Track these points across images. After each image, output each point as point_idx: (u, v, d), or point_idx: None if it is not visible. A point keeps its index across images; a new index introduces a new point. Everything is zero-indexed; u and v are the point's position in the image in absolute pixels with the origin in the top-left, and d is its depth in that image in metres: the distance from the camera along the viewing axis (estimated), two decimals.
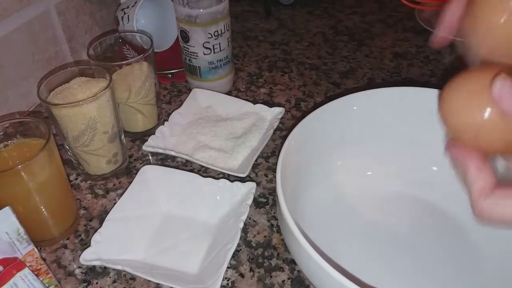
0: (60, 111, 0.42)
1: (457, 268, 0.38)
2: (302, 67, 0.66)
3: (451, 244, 0.40)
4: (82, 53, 0.66)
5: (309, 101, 0.59)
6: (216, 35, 0.54)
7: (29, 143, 0.41)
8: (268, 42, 0.73)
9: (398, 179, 0.45)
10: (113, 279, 0.39)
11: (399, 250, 0.40)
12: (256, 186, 0.44)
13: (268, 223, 0.44)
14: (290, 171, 0.38)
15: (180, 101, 0.59)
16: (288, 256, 0.40)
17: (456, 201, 0.42)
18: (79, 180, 0.49)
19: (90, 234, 0.43)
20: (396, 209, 0.44)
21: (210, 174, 0.48)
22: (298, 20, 0.79)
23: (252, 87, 0.63)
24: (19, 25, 0.55)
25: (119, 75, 0.49)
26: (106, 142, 0.46)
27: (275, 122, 0.52)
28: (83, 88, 0.44)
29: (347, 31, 0.75)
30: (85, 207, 0.46)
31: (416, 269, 0.39)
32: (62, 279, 0.39)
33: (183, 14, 0.53)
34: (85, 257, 0.38)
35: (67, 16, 0.62)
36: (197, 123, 0.53)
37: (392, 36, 0.73)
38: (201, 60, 0.56)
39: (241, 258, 0.40)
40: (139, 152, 0.52)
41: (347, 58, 0.68)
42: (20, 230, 0.34)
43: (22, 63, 0.56)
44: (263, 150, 0.50)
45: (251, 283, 0.38)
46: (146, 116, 0.53)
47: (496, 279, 0.37)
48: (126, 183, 0.48)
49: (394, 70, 0.65)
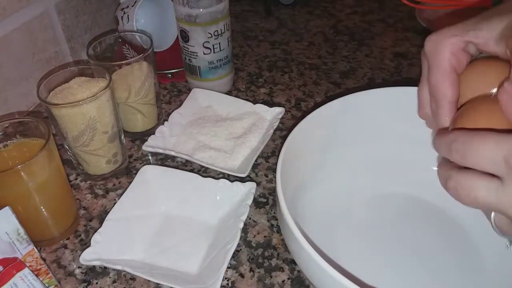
0: (59, 111, 0.42)
1: (457, 268, 0.38)
2: (302, 67, 0.66)
3: (451, 244, 0.40)
4: (82, 53, 0.66)
5: (309, 101, 0.59)
6: (216, 35, 0.54)
7: (29, 143, 0.41)
8: (268, 41, 0.73)
9: (398, 179, 0.45)
10: (113, 279, 0.39)
11: (399, 250, 0.40)
12: (256, 186, 0.44)
13: (268, 223, 0.43)
14: (290, 171, 0.38)
15: (180, 101, 0.59)
16: (288, 256, 0.40)
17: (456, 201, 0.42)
18: (79, 180, 0.49)
19: (90, 234, 0.43)
20: (396, 209, 0.44)
21: (210, 174, 0.48)
22: (298, 20, 0.79)
23: (252, 87, 0.62)
24: (19, 25, 0.55)
25: (119, 75, 0.49)
26: (106, 142, 0.46)
27: (275, 122, 0.52)
28: (83, 88, 0.44)
29: (347, 30, 0.75)
30: (85, 207, 0.46)
31: (416, 269, 0.39)
32: (62, 279, 0.39)
33: (183, 13, 0.53)
34: (85, 257, 0.38)
35: (67, 16, 0.62)
36: (197, 123, 0.53)
37: (393, 36, 0.73)
38: (201, 60, 0.56)
39: (241, 258, 0.40)
40: (139, 152, 0.52)
41: (347, 58, 0.68)
42: (20, 230, 0.34)
43: (21, 63, 0.56)
44: (263, 150, 0.49)
45: (251, 283, 0.38)
46: (146, 116, 0.53)
47: (496, 279, 0.37)
48: (126, 183, 0.48)
49: (395, 70, 0.65)
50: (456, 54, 0.31)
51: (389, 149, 0.45)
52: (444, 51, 0.31)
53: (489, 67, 0.31)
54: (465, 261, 0.39)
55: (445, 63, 0.31)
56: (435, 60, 0.31)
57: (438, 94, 0.31)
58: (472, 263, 0.39)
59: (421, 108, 0.35)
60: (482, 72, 0.31)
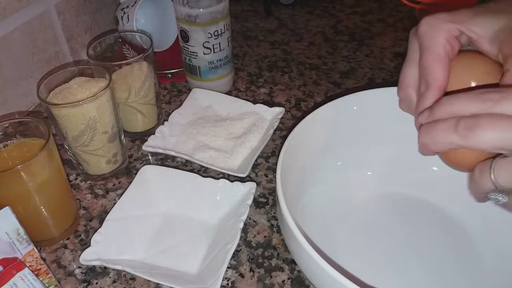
0: (59, 111, 0.42)
1: (457, 268, 0.38)
2: (302, 67, 0.66)
3: (451, 244, 0.40)
4: (82, 53, 0.66)
5: (309, 101, 0.59)
6: (216, 35, 0.54)
7: (29, 143, 0.41)
8: (268, 41, 0.73)
9: (398, 179, 0.45)
10: (113, 279, 0.39)
11: (399, 250, 0.40)
12: (256, 186, 0.44)
13: (268, 223, 0.43)
14: (290, 171, 0.38)
15: (180, 101, 0.59)
16: (288, 256, 0.40)
17: (456, 201, 0.42)
18: (79, 180, 0.49)
19: (90, 234, 0.43)
20: (396, 209, 0.44)
21: (210, 174, 0.48)
22: (298, 20, 0.79)
23: (252, 87, 0.62)
24: (19, 25, 0.55)
25: (119, 75, 0.49)
26: (106, 142, 0.46)
27: (275, 122, 0.52)
28: (83, 88, 0.44)
29: (347, 30, 0.75)
30: (85, 207, 0.46)
31: (416, 268, 0.39)
32: (62, 279, 0.39)
33: (183, 13, 0.53)
34: (85, 257, 0.38)
35: (67, 16, 0.62)
36: (197, 123, 0.53)
37: (393, 36, 0.73)
38: (201, 60, 0.56)
39: (241, 258, 0.40)
40: (139, 152, 0.52)
41: (347, 57, 0.68)
42: (20, 230, 0.34)
43: (21, 63, 0.56)
44: (263, 150, 0.49)
45: (251, 283, 0.38)
46: (146, 116, 0.53)
47: (496, 279, 0.37)
48: (126, 183, 0.48)
49: (395, 70, 0.65)
50: (450, 41, 0.31)
51: (389, 149, 0.45)
52: (440, 35, 0.30)
53: (477, 60, 0.31)
54: (465, 260, 0.39)
55: (440, 47, 0.30)
56: (430, 43, 0.31)
57: (430, 78, 0.31)
58: (472, 262, 0.39)
59: (402, 88, 0.34)
60: (470, 64, 0.32)
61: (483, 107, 0.26)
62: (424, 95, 0.31)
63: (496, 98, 0.26)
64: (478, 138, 0.26)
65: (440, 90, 0.31)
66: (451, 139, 0.27)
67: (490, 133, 0.25)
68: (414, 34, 0.33)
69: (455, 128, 0.27)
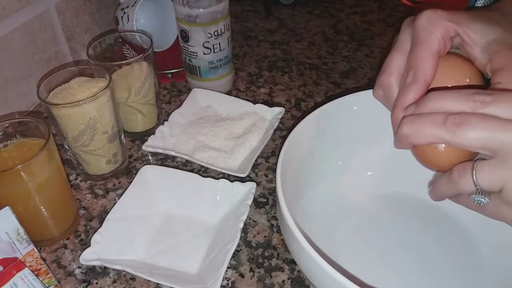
0: (59, 111, 0.42)
1: (457, 268, 0.38)
2: (302, 67, 0.66)
3: (451, 243, 0.40)
4: (82, 53, 0.66)
5: (309, 101, 0.59)
6: (216, 35, 0.54)
7: (29, 143, 0.41)
8: (268, 41, 0.73)
9: (398, 179, 0.45)
10: (113, 279, 0.39)
11: (399, 250, 0.40)
12: (256, 186, 0.44)
13: (268, 223, 0.43)
14: (290, 171, 0.38)
15: (180, 101, 0.59)
16: (288, 256, 0.40)
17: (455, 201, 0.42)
18: (79, 180, 0.49)
19: (90, 234, 0.43)
20: (396, 209, 0.44)
21: (210, 174, 0.48)
22: (298, 20, 0.79)
23: (252, 87, 0.62)
24: (19, 25, 0.55)
25: (119, 75, 0.49)
26: (106, 142, 0.46)
27: (275, 122, 0.52)
28: (83, 88, 0.44)
29: (347, 30, 0.75)
30: (85, 207, 0.46)
31: (416, 268, 0.39)
32: (62, 279, 0.39)
33: (183, 13, 0.53)
34: (85, 257, 0.38)
35: (67, 16, 0.62)
36: (197, 123, 0.53)
37: (393, 36, 0.73)
38: (201, 60, 0.56)
39: (241, 258, 0.40)
40: (139, 152, 0.52)
41: (347, 57, 0.68)
42: (20, 230, 0.34)
43: (21, 63, 0.56)
44: (263, 150, 0.49)
45: (251, 283, 0.38)
46: (146, 116, 0.53)
47: (496, 279, 0.37)
48: (126, 183, 0.48)
49: None
50: (445, 39, 0.31)
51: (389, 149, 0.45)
52: (437, 32, 0.30)
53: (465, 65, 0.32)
54: (464, 260, 0.39)
55: (435, 44, 0.30)
56: (427, 37, 0.31)
57: (420, 71, 0.31)
58: (471, 262, 0.39)
59: (385, 75, 0.34)
60: (458, 66, 0.32)
61: (473, 107, 0.26)
62: (409, 87, 0.31)
63: (487, 100, 0.26)
64: (466, 136, 0.26)
65: (426, 85, 0.31)
66: (437, 133, 0.27)
67: (479, 132, 0.26)
68: (408, 25, 0.33)
69: (444, 123, 0.27)
